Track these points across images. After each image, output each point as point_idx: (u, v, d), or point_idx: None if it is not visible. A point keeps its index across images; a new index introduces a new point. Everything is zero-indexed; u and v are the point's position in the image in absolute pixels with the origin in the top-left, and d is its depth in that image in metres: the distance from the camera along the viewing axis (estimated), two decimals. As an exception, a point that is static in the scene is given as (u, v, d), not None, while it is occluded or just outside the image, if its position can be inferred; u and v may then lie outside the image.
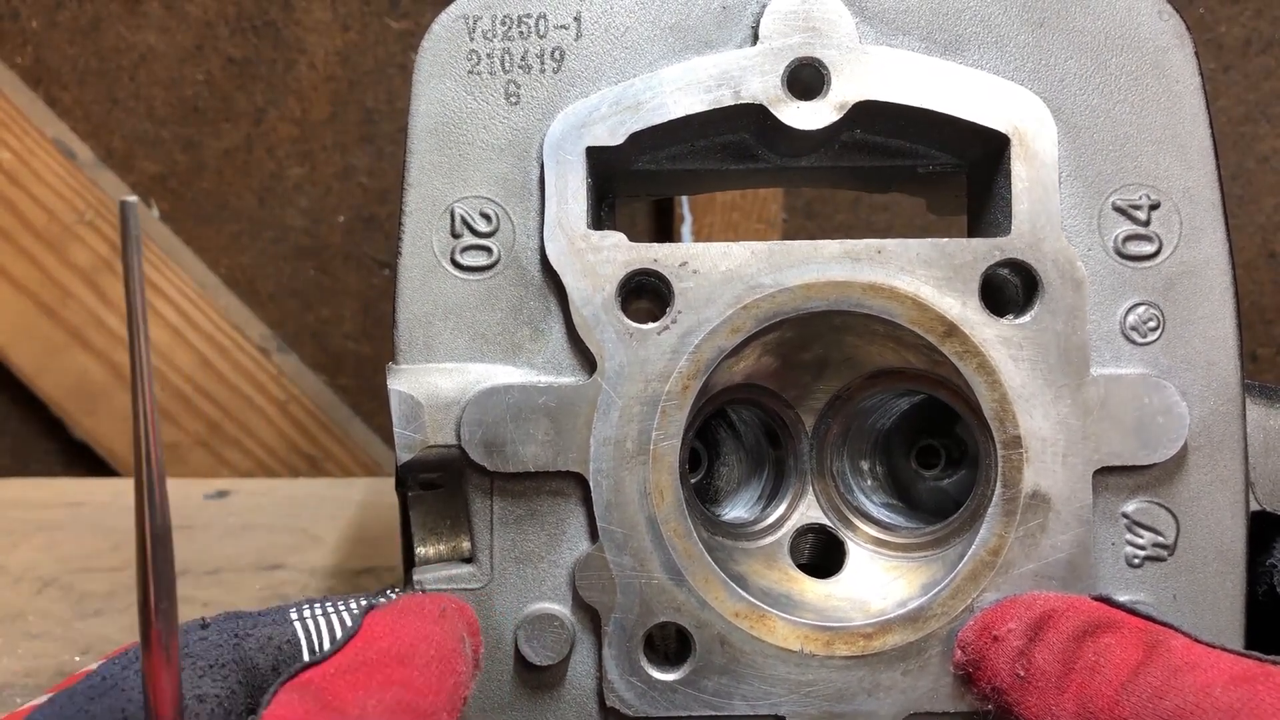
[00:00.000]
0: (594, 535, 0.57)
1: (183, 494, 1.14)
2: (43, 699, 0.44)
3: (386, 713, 0.44)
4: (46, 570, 0.99)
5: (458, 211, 0.59)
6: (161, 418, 1.31)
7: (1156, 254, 0.58)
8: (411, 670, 0.47)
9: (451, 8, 0.59)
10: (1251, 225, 1.26)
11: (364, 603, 0.56)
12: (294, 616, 0.53)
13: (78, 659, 0.85)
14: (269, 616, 0.52)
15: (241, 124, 1.28)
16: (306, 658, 0.51)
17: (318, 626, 0.53)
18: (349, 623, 0.53)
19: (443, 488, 0.59)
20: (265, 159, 1.29)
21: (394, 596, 0.58)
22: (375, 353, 1.35)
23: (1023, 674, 0.52)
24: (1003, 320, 0.57)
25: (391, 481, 0.60)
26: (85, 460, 1.34)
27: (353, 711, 0.43)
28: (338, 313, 1.34)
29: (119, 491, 1.17)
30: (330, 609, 0.54)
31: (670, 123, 0.58)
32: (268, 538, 1.05)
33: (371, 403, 1.37)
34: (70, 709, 0.43)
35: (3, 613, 0.92)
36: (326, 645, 0.52)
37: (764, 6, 0.58)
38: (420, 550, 0.59)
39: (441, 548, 0.59)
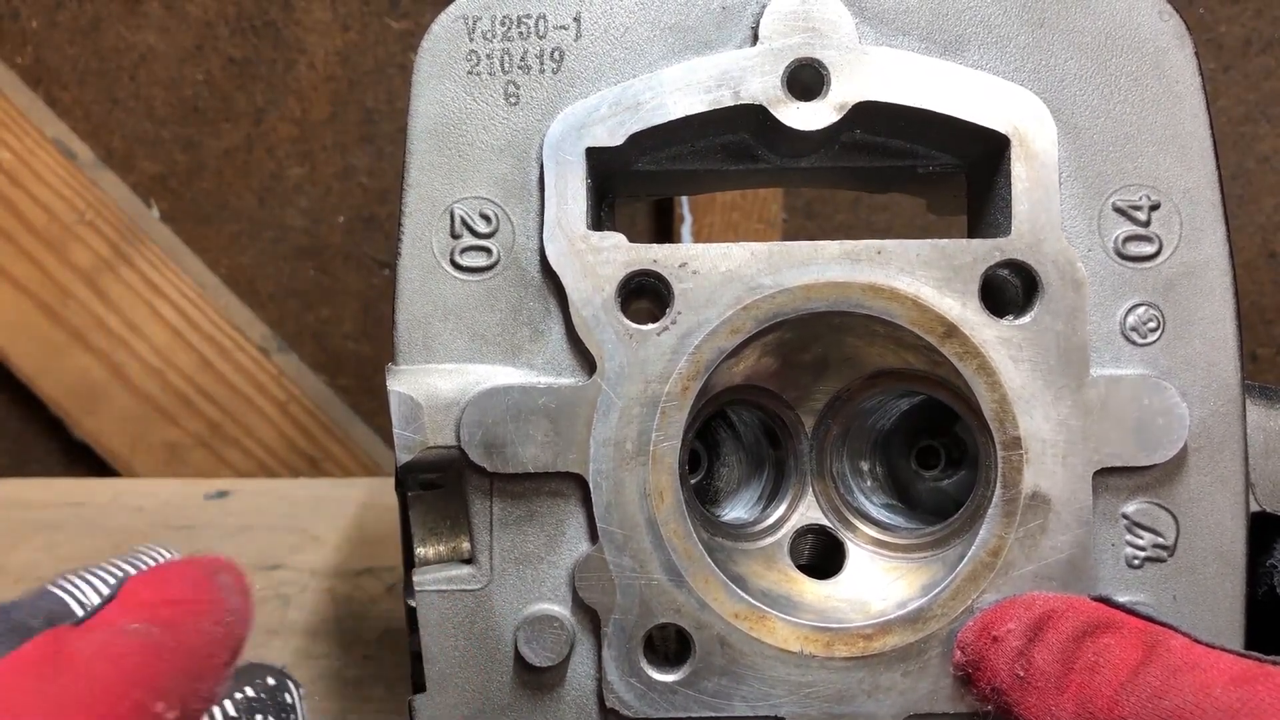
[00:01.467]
0: (594, 536, 0.57)
1: (183, 494, 1.14)
2: None
3: (140, 633, 0.45)
4: (46, 570, 0.98)
5: (457, 212, 0.59)
6: (162, 418, 1.32)
7: (1156, 255, 0.58)
8: (176, 609, 0.48)
9: (451, 8, 0.59)
10: (1251, 225, 1.26)
11: (124, 564, 0.56)
12: (51, 586, 0.54)
13: (78, 659, 0.85)
14: (30, 592, 0.53)
15: (241, 124, 1.28)
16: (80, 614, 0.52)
17: (78, 587, 0.53)
18: (111, 582, 0.54)
19: (442, 488, 0.59)
20: (265, 159, 1.29)
21: (161, 557, 0.59)
22: (375, 353, 1.35)
23: (1022, 674, 0.52)
24: (1003, 321, 0.57)
25: (391, 482, 0.60)
26: (85, 460, 1.34)
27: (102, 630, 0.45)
28: (338, 313, 1.34)
29: (119, 491, 1.17)
30: (87, 573, 0.55)
31: (670, 123, 0.58)
32: (268, 538, 1.05)
33: (371, 403, 1.37)
34: None
35: (3, 613, 0.92)
36: (95, 602, 0.53)
37: (764, 7, 0.58)
38: (420, 551, 0.59)
39: (441, 548, 0.59)
